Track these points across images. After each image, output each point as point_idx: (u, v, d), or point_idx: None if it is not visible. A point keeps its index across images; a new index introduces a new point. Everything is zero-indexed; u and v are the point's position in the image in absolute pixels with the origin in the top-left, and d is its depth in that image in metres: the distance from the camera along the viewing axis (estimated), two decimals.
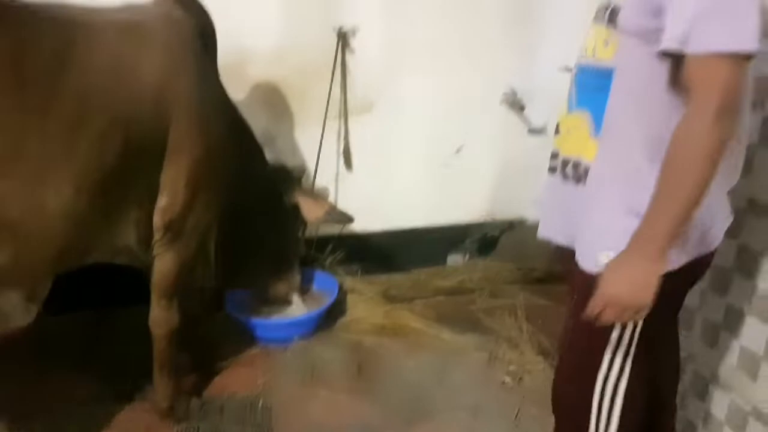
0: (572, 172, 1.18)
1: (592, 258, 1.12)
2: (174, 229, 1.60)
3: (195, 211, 1.65)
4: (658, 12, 0.98)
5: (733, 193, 1.19)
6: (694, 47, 0.94)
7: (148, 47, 1.47)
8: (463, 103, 2.57)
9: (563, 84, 2.48)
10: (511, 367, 2.08)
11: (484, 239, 2.84)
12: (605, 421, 1.19)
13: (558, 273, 2.20)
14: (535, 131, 2.69)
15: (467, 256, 2.84)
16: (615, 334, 1.14)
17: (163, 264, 1.64)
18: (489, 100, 2.60)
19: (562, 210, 1.23)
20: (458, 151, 2.65)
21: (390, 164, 2.60)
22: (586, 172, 1.14)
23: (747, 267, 1.58)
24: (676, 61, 0.99)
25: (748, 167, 1.52)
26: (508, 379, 2.03)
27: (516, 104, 2.56)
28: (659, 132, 1.01)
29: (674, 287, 1.12)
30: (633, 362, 1.15)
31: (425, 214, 2.71)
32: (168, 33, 1.56)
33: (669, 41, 0.96)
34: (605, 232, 1.10)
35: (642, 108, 1.05)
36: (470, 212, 2.78)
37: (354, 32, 2.33)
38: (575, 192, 1.17)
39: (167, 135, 1.50)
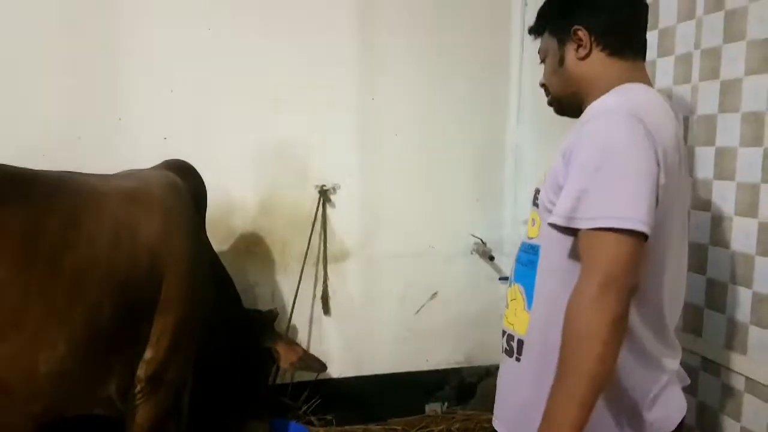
0: (506, 345, 1.19)
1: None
2: (155, 381, 1.62)
3: (176, 363, 1.69)
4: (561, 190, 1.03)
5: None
6: (579, 222, 0.98)
7: (148, 211, 1.59)
8: (436, 251, 2.72)
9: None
10: None
11: (462, 386, 2.80)
12: None
13: None
14: (504, 279, 2.81)
15: (446, 405, 2.78)
16: None
17: (142, 414, 1.64)
18: (461, 248, 2.75)
19: (500, 387, 1.23)
20: (433, 297, 2.74)
21: (366, 310, 2.66)
22: (519, 345, 1.15)
23: (708, 427, 1.61)
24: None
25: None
26: None
27: (485, 254, 2.70)
28: None
29: None
30: None
31: (402, 359, 2.71)
32: (166, 197, 1.70)
33: (556, 216, 1.02)
34: (539, 408, 1.03)
35: (563, 285, 1.04)
36: (447, 358, 2.79)
37: (335, 189, 2.56)
38: (510, 366, 1.18)
39: (158, 293, 1.58)
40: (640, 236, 0.95)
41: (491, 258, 2.69)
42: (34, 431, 1.40)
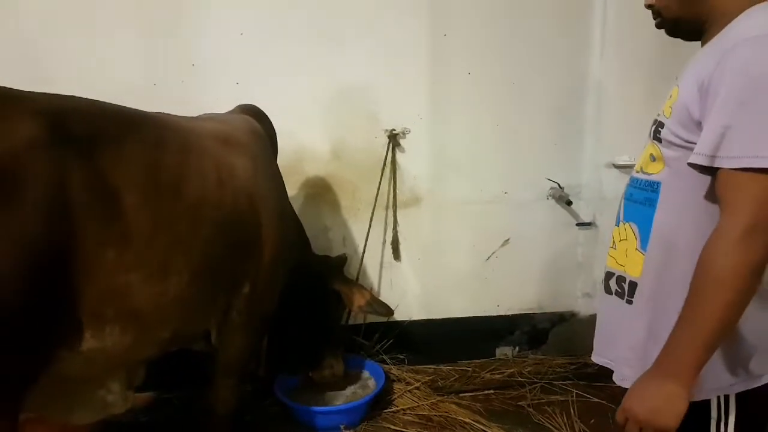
0: (616, 286, 1.16)
1: (637, 374, 1.06)
2: (250, 314, 1.72)
3: (267, 299, 1.80)
4: (698, 125, 0.98)
5: None
6: (722, 162, 0.93)
7: (239, 156, 1.65)
8: (510, 197, 2.65)
9: (609, 180, 2.62)
10: None
11: (533, 331, 2.78)
12: None
13: None
14: (583, 225, 2.71)
15: (516, 349, 2.78)
16: None
17: (235, 346, 1.75)
18: (536, 194, 2.66)
19: (606, 327, 1.20)
20: (504, 244, 2.69)
21: (437, 255, 2.66)
22: (631, 287, 1.12)
23: None
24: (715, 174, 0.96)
25: None
26: None
27: (563, 199, 2.60)
28: None
29: (754, 413, 1.07)
30: None
31: (473, 304, 2.72)
32: (253, 143, 1.76)
33: (697, 155, 0.96)
34: (652, 348, 1.05)
35: (688, 223, 1.03)
36: (519, 304, 2.77)
37: (404, 134, 2.51)
38: (620, 308, 1.14)
39: (256, 234, 1.66)
40: None
41: (569, 203, 2.59)
42: (158, 357, 1.52)
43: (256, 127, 1.88)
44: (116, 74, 2.27)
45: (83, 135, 1.19)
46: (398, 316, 2.59)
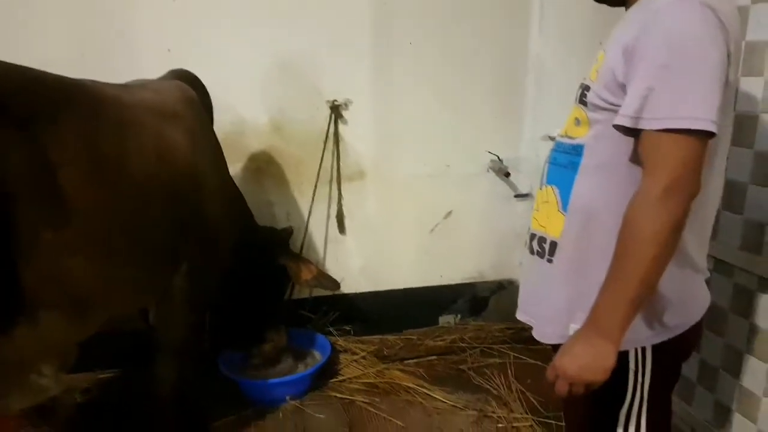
0: (538, 247, 1.19)
1: (558, 331, 1.13)
2: (190, 292, 1.69)
3: (210, 274, 1.77)
4: (622, 88, 0.99)
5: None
6: (644, 123, 0.94)
7: (175, 127, 1.59)
8: (452, 170, 2.69)
9: (545, 152, 2.67)
10: (500, 425, 2.09)
11: (475, 300, 2.89)
12: None
13: None
14: (520, 196, 2.80)
15: (458, 317, 2.88)
16: (623, 410, 1.13)
17: (176, 324, 1.72)
18: (476, 167, 2.72)
19: (529, 286, 1.25)
20: (447, 216, 2.75)
21: (381, 228, 2.69)
22: (552, 246, 1.15)
23: (717, 325, 1.66)
24: (638, 137, 0.98)
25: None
26: None
27: (502, 171, 2.67)
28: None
29: (668, 362, 1.14)
30: None
31: (416, 275, 2.78)
32: (190, 114, 1.70)
33: (621, 117, 0.97)
34: (575, 307, 1.10)
35: (609, 186, 1.05)
36: (461, 274, 2.85)
37: (347, 105, 2.49)
38: (541, 268, 1.18)
39: (197, 208, 1.62)
40: (706, 136, 0.93)
41: (507, 174, 2.67)
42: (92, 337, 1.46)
43: (191, 95, 1.80)
44: (40, 45, 2.13)
45: (17, 106, 1.12)
46: (344, 288, 2.62)
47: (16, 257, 1.10)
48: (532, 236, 1.23)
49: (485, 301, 2.91)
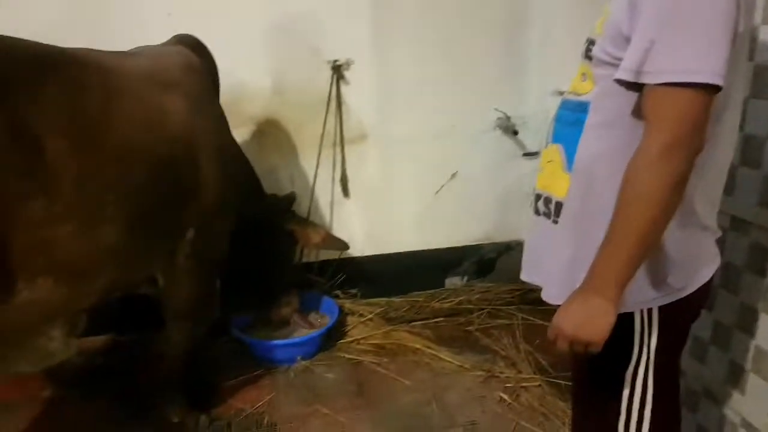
0: (543, 207, 1.17)
1: (565, 292, 1.09)
2: (198, 259, 1.70)
3: (217, 241, 1.77)
4: (627, 41, 0.96)
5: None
6: (646, 77, 0.91)
7: (171, 94, 1.56)
8: (457, 130, 2.64)
9: (554, 108, 2.62)
10: (508, 385, 2.12)
11: (481, 261, 2.87)
12: None
13: None
14: (528, 155, 2.75)
15: (465, 279, 2.87)
16: (629, 372, 1.13)
17: (185, 290, 1.74)
18: (483, 126, 2.66)
19: (534, 247, 1.23)
20: (453, 176, 2.72)
21: (386, 190, 2.66)
22: (557, 207, 1.13)
23: (732, 283, 1.63)
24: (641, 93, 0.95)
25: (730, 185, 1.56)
26: (505, 396, 2.07)
27: (509, 129, 2.62)
28: None
29: (675, 323, 1.12)
30: (654, 402, 1.13)
31: (422, 238, 2.76)
32: (188, 79, 1.66)
33: (623, 71, 0.95)
34: (580, 267, 1.06)
35: (613, 144, 1.03)
36: (467, 235, 2.83)
37: (348, 65, 2.43)
38: (546, 229, 1.16)
39: (197, 174, 1.61)
40: (712, 90, 0.89)
41: (515, 132, 2.62)
42: (102, 303, 1.49)
43: (193, 61, 1.77)
44: (37, 10, 2.07)
45: None
46: (350, 252, 2.61)
47: (4, 228, 1.10)
48: (538, 196, 1.20)
49: (492, 262, 2.90)
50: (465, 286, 2.85)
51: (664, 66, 0.89)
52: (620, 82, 0.97)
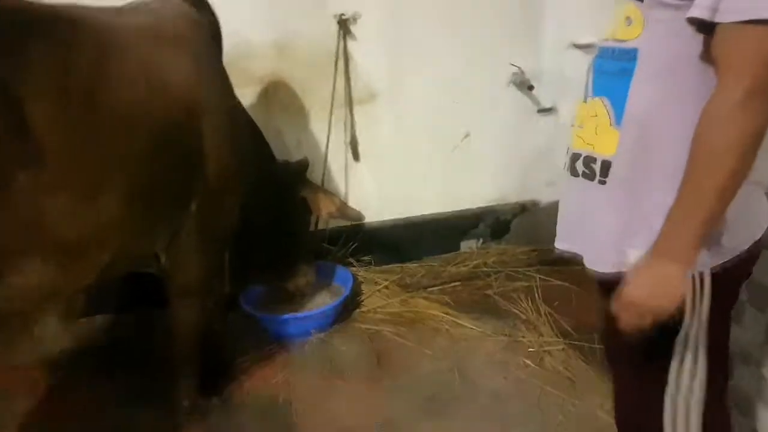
0: (585, 168, 1.07)
1: (613, 258, 1.03)
2: (203, 232, 1.60)
3: (224, 214, 1.68)
4: None
5: None
6: (724, 15, 0.83)
7: (174, 53, 1.45)
8: (470, 87, 2.52)
9: (572, 62, 2.51)
10: (531, 350, 2.06)
11: (496, 223, 2.80)
12: None
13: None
14: (544, 111, 2.64)
15: (480, 242, 2.80)
16: (678, 341, 1.04)
17: (191, 266, 1.64)
18: (496, 83, 2.55)
19: (577, 213, 1.13)
20: (466, 136, 2.61)
21: (398, 153, 2.56)
22: (604, 166, 1.04)
23: None
24: (711, 35, 0.86)
25: None
26: (528, 362, 2.01)
27: (524, 84, 2.51)
28: (696, 119, 0.88)
29: (726, 285, 1.04)
30: (706, 372, 1.06)
31: (436, 201, 2.68)
32: (191, 37, 1.54)
33: (698, 8, 0.85)
34: (634, 231, 1.00)
35: (671, 93, 0.95)
36: (481, 197, 2.75)
37: (355, 19, 2.30)
38: (590, 191, 1.07)
39: (199, 145, 1.50)
40: None
41: (530, 88, 2.52)
42: (101, 283, 1.40)
43: (195, 16, 1.63)
44: None
45: None
46: (362, 218, 2.55)
47: None
48: (576, 156, 1.10)
49: (507, 224, 2.82)
50: (481, 249, 2.78)
51: (745, 2, 0.81)
52: (692, 22, 0.87)
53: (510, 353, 2.06)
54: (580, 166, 1.09)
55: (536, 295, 2.36)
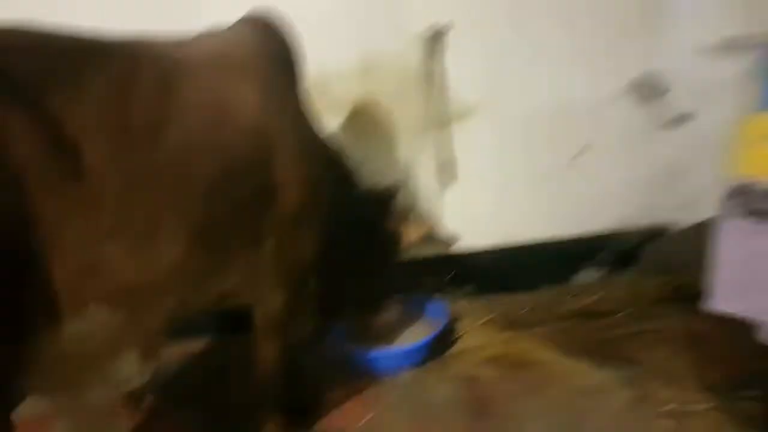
0: (758, 204, 0.88)
1: None
2: (281, 269, 1.56)
3: (301, 249, 1.62)
4: None
5: None
6: None
7: (242, 83, 1.42)
8: (586, 97, 2.27)
9: (709, 62, 2.15)
10: (667, 407, 1.69)
11: (619, 252, 2.46)
12: None
13: None
14: (675, 122, 2.30)
15: (600, 273, 2.48)
16: None
17: (271, 303, 1.61)
18: (616, 89, 2.27)
19: (743, 265, 0.92)
20: (583, 152, 2.33)
21: (498, 172, 2.37)
22: None
23: None
24: None
25: None
26: (664, 423, 1.64)
27: (652, 90, 2.22)
28: None
29: None
30: None
31: (546, 225, 2.43)
32: (262, 64, 1.50)
33: None
34: None
35: None
36: (601, 221, 2.44)
37: (445, 31, 2.17)
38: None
39: (270, 178, 1.45)
40: None
41: (660, 95, 2.21)
42: (168, 329, 1.37)
43: (267, 43, 1.60)
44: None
45: (26, 77, 0.98)
46: (459, 245, 2.38)
47: (40, 254, 0.97)
48: (742, 189, 0.89)
49: (632, 252, 2.47)
50: (602, 280, 2.46)
51: None
52: None
53: (640, 412, 1.70)
54: (750, 202, 0.85)
55: (673, 339, 1.98)
